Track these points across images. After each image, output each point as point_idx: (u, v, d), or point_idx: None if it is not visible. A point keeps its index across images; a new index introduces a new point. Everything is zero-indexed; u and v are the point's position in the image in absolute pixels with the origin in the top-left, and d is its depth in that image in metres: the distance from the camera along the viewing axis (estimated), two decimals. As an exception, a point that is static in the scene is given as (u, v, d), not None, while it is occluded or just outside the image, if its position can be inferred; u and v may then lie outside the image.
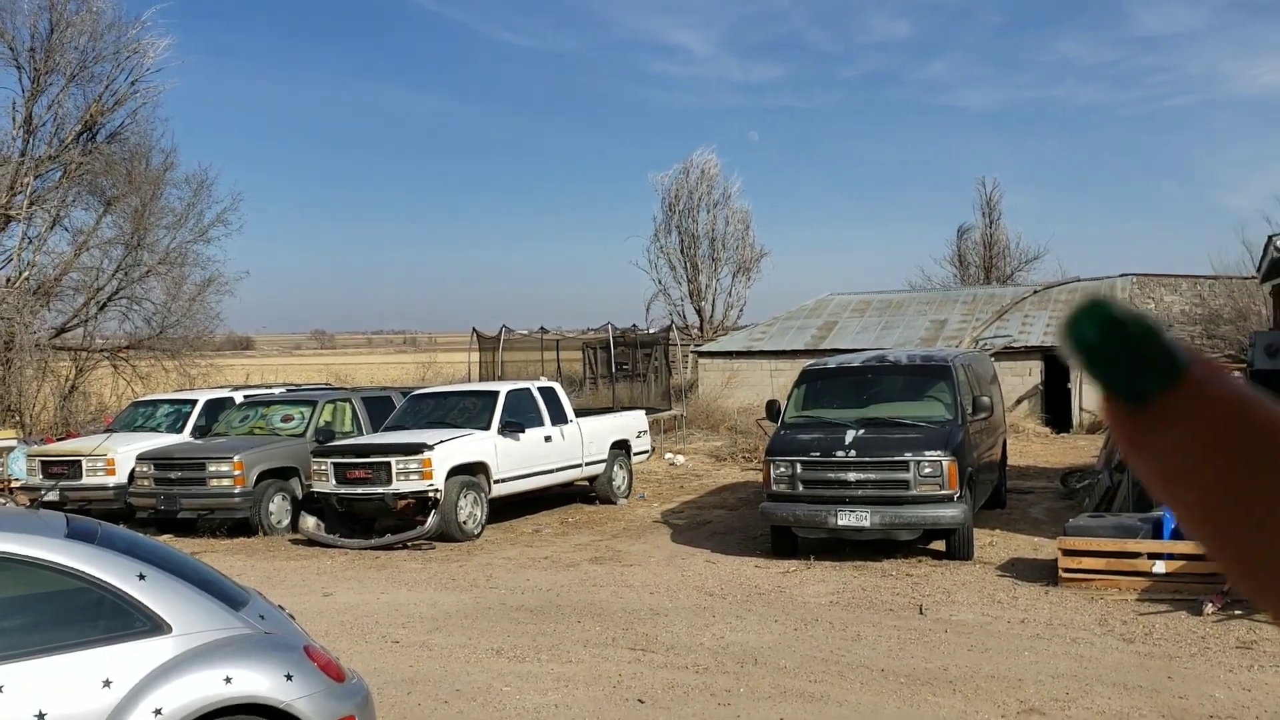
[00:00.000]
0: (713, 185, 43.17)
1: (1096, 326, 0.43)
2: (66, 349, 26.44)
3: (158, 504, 14.76)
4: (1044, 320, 28.03)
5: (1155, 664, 7.94)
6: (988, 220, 48.27)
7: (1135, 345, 0.43)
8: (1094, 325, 0.43)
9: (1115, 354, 0.43)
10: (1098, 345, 0.43)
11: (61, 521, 5.26)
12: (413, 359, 50.23)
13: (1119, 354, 0.43)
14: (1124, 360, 0.43)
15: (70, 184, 25.42)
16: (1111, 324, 0.43)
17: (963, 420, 11.95)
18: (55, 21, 24.99)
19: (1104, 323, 0.43)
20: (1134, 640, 8.56)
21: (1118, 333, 0.43)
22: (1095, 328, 0.43)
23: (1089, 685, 7.47)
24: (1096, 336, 0.43)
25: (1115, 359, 0.43)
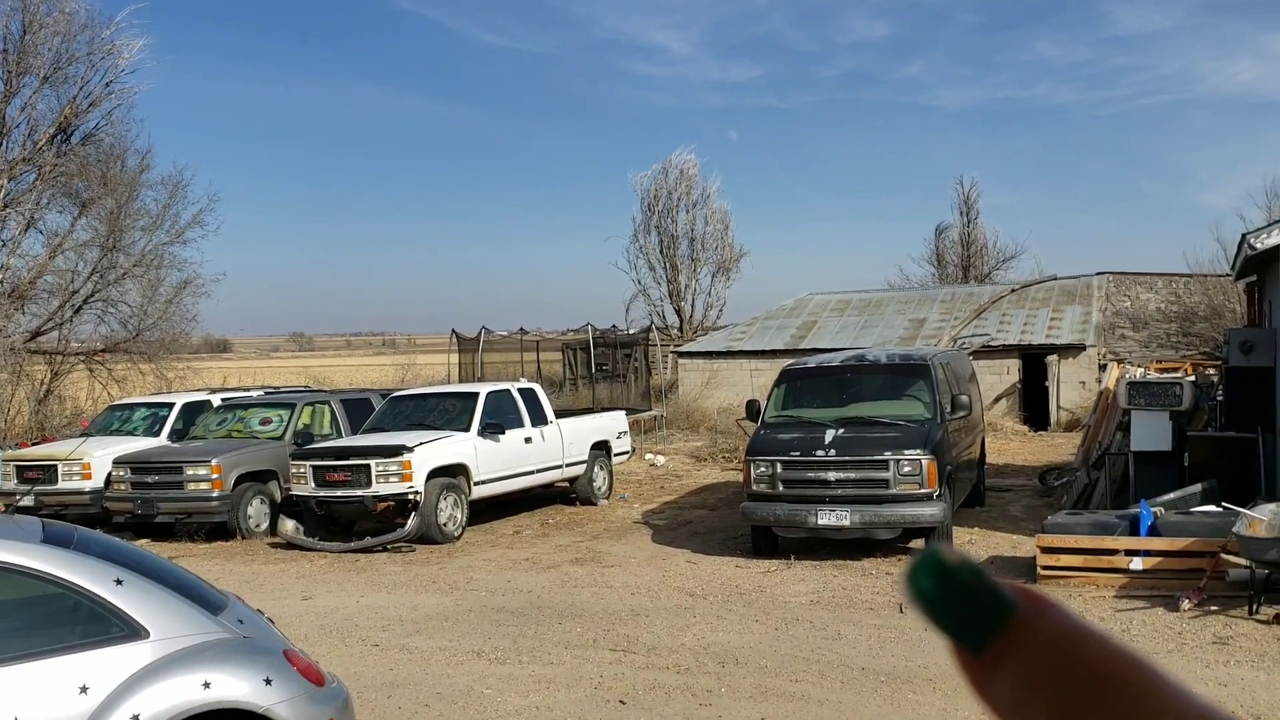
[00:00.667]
0: (692, 185, 43.25)
1: (932, 577, 0.45)
2: (41, 352, 26.20)
3: (135, 508, 14.66)
4: (1021, 319, 28.18)
5: (1133, 660, 8.00)
6: (966, 219, 48.55)
7: (965, 591, 0.44)
8: (929, 576, 0.45)
9: (949, 602, 0.44)
10: (935, 595, 0.45)
11: (37, 526, 5.22)
12: (392, 360, 50.09)
13: (952, 602, 0.44)
14: (957, 607, 0.44)
15: (44, 186, 25.19)
16: (944, 573, 0.45)
17: (941, 419, 12.01)
18: (28, 23, 24.76)
19: (938, 572, 0.45)
20: (1112, 636, 8.62)
21: (950, 581, 0.44)
22: (931, 578, 0.45)
23: (1068, 681, 7.52)
24: (933, 587, 0.45)
25: (950, 607, 0.44)
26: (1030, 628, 0.43)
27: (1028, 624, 0.44)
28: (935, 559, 0.45)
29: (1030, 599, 0.45)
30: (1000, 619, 0.44)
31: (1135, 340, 27.35)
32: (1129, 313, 28.55)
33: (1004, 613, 0.44)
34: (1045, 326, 27.31)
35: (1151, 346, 26.79)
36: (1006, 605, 0.44)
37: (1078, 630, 0.44)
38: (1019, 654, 0.43)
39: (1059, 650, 0.43)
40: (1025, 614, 0.44)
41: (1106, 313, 28.36)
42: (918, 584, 0.45)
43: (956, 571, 0.44)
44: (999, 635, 0.44)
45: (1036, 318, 28.04)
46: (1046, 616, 0.44)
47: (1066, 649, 0.43)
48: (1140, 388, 12.93)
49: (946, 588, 0.44)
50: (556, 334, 33.94)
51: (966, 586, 0.44)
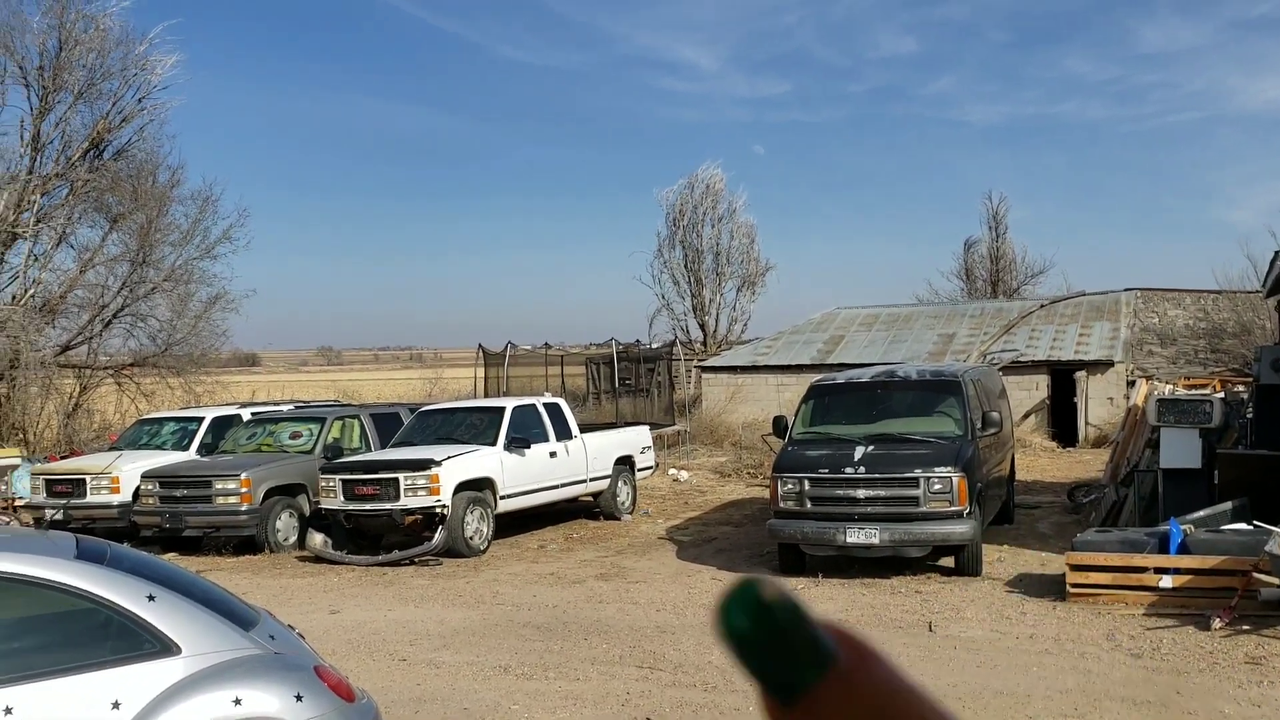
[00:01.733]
0: (718, 199, 43.26)
1: (748, 615, 0.41)
2: (71, 366, 26.46)
3: (163, 522, 14.76)
4: (1050, 334, 28.00)
5: (1163, 679, 7.91)
6: (994, 234, 48.35)
7: (783, 635, 0.41)
8: (745, 613, 0.41)
9: (764, 646, 0.41)
10: (748, 636, 0.41)
11: (71, 542, 5.25)
12: (419, 374, 50.27)
13: (767, 646, 0.41)
14: (772, 653, 0.41)
15: (76, 201, 25.49)
16: (761, 611, 0.41)
17: (972, 436, 11.93)
18: (63, 40, 25.10)
19: (754, 610, 0.41)
20: (1142, 655, 8.53)
21: (767, 621, 0.41)
22: (746, 616, 0.41)
23: (1097, 700, 7.44)
24: (748, 627, 0.41)
25: (764, 651, 0.41)
26: (847, 683, 0.41)
27: (845, 678, 0.41)
28: (752, 594, 0.41)
29: (851, 649, 0.42)
30: (817, 671, 0.41)
31: (1163, 357, 27.11)
32: (1157, 329, 28.32)
33: (822, 664, 0.41)
34: (1074, 342, 27.13)
35: (1180, 363, 26.55)
36: (825, 656, 0.41)
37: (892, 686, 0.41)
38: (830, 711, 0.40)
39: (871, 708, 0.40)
40: (844, 667, 0.41)
41: (1135, 329, 28.15)
42: (731, 621, 0.41)
43: (775, 611, 0.41)
44: (813, 688, 0.41)
45: (1065, 333, 27.86)
46: (866, 671, 0.41)
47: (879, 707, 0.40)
48: (1170, 405, 12.80)
49: (763, 629, 0.41)
50: (580, 348, 33.99)
51: (784, 630, 0.41)
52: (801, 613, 0.41)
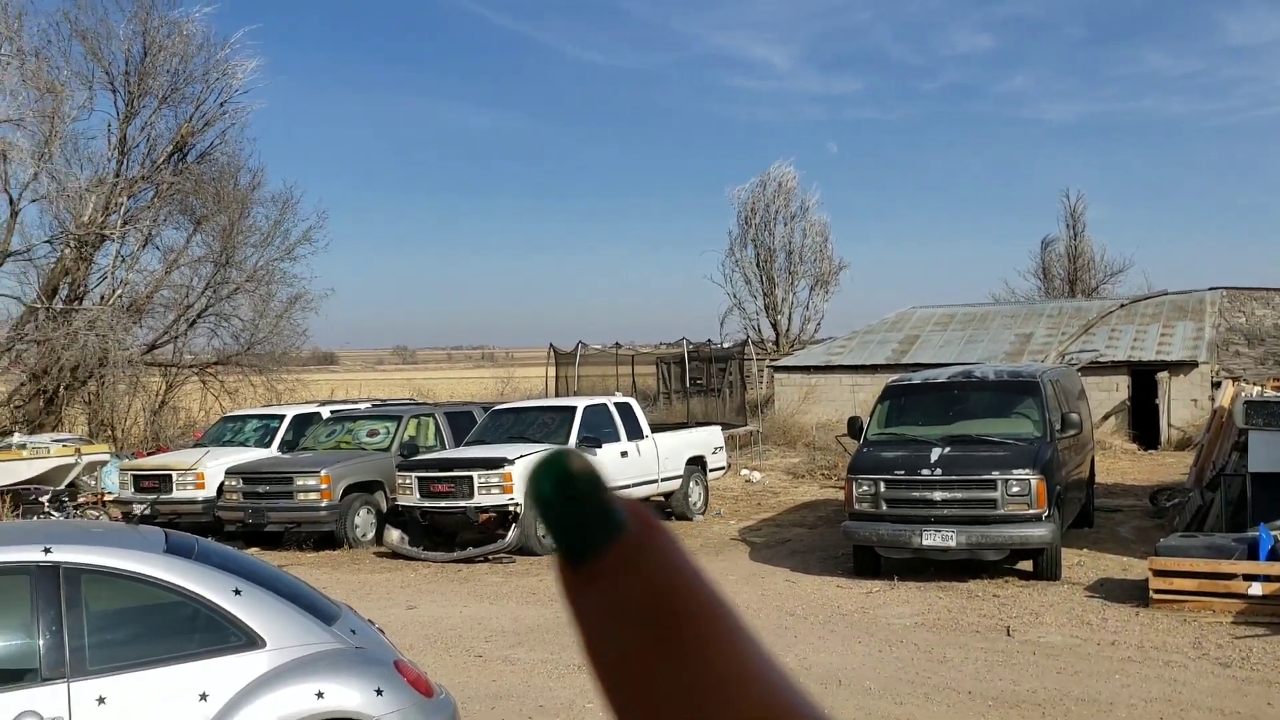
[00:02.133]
0: (790, 198, 42.97)
1: (552, 481, 0.44)
2: (157, 365, 27.15)
3: (246, 517, 15.08)
4: (1131, 334, 27.38)
5: (1253, 690, 7.69)
6: (1072, 232, 47.42)
7: (580, 503, 0.43)
8: (549, 480, 0.44)
9: (563, 510, 0.44)
10: (550, 500, 0.44)
11: (160, 537, 5.40)
12: (491, 374, 50.77)
13: (566, 510, 0.43)
14: (569, 517, 0.43)
15: (161, 203, 26.14)
16: (565, 479, 0.43)
17: (1051, 437, 11.72)
18: (148, 45, 25.77)
19: (559, 477, 0.44)
20: (1230, 664, 8.30)
21: (568, 488, 0.43)
22: (551, 482, 0.44)
23: (1183, 710, 7.27)
24: (551, 491, 0.44)
25: (562, 515, 0.44)
26: (631, 551, 0.43)
27: (630, 547, 0.43)
28: (560, 463, 0.44)
29: (641, 523, 0.44)
30: (606, 537, 0.43)
31: (1250, 357, 26.34)
32: (1244, 329, 27.52)
33: (611, 532, 0.43)
34: (1155, 343, 26.49)
35: (1268, 364, 25.76)
36: (615, 525, 0.43)
37: (674, 563, 0.43)
38: (612, 575, 0.43)
39: (649, 579, 0.43)
40: (631, 537, 0.43)
41: (1220, 329, 27.38)
42: (538, 486, 0.44)
43: (577, 480, 0.44)
44: (601, 552, 0.43)
45: (1146, 334, 27.22)
46: (650, 544, 0.44)
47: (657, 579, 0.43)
48: (1259, 407, 12.44)
49: (564, 495, 0.43)
50: (651, 348, 33.97)
51: (582, 498, 0.43)
52: (600, 485, 0.44)
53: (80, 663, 4.61)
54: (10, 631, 4.74)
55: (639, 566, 0.43)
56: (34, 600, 4.66)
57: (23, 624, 4.67)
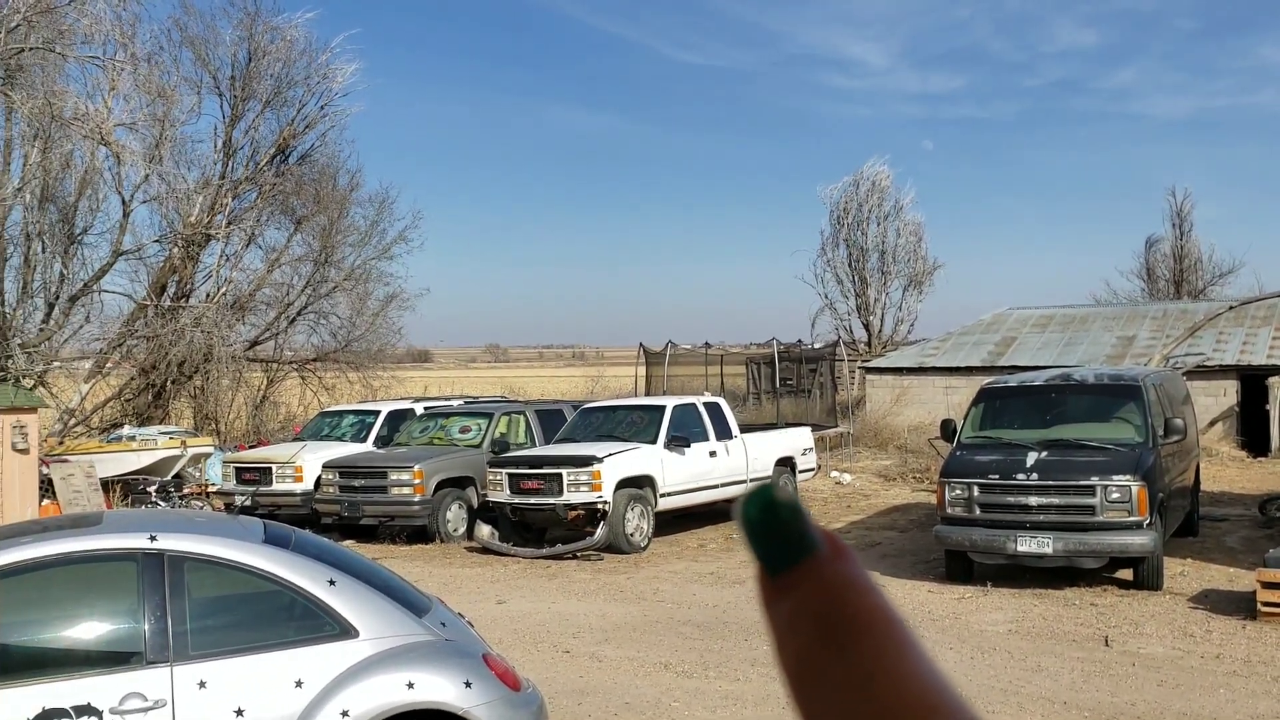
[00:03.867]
0: (883, 197, 42.40)
1: (758, 507, 0.50)
2: (259, 361, 27.92)
3: (341, 510, 15.41)
4: (1240, 338, 26.44)
5: (1371, 710, 7.37)
6: (1178, 232, 45.91)
7: (781, 524, 0.50)
8: (756, 506, 0.50)
9: (766, 530, 0.50)
10: (756, 523, 0.50)
11: (259, 527, 5.54)
12: (581, 372, 51.10)
13: (768, 531, 0.50)
14: (771, 536, 0.50)
15: (264, 204, 26.88)
16: (769, 505, 0.50)
17: (1153, 443, 11.38)
18: (253, 51, 26.53)
19: (764, 504, 0.50)
20: (1346, 683, 7.96)
21: (771, 513, 0.50)
22: (756, 508, 0.50)
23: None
24: (756, 514, 0.50)
25: (765, 534, 0.50)
26: (821, 567, 0.49)
27: (821, 564, 0.50)
28: (766, 493, 0.50)
29: (832, 546, 0.50)
30: (801, 554, 0.50)
31: (1371, 362, 25.22)
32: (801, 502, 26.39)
33: (806, 549, 0.50)
34: (1267, 346, 25.53)
35: (1389, 369, 24.66)
36: (810, 544, 0.50)
37: (859, 582, 0.50)
38: (803, 585, 0.49)
39: (835, 592, 0.49)
40: (822, 555, 0.50)
41: (1337, 332, 26.28)
42: (746, 512, 0.50)
43: (779, 506, 0.50)
44: (796, 567, 0.50)
45: (1257, 337, 26.25)
46: (838, 563, 0.50)
47: (842, 593, 0.49)
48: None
49: (767, 518, 0.50)
50: (741, 348, 33.82)
51: (783, 521, 0.50)
52: (800, 510, 0.50)
53: (182, 648, 4.75)
54: (117, 616, 4.91)
55: (825, 581, 0.50)
56: (140, 586, 4.82)
57: (129, 609, 4.84)
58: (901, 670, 0.47)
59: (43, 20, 19.36)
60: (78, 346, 23.52)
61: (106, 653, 4.80)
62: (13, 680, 4.51)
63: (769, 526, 0.50)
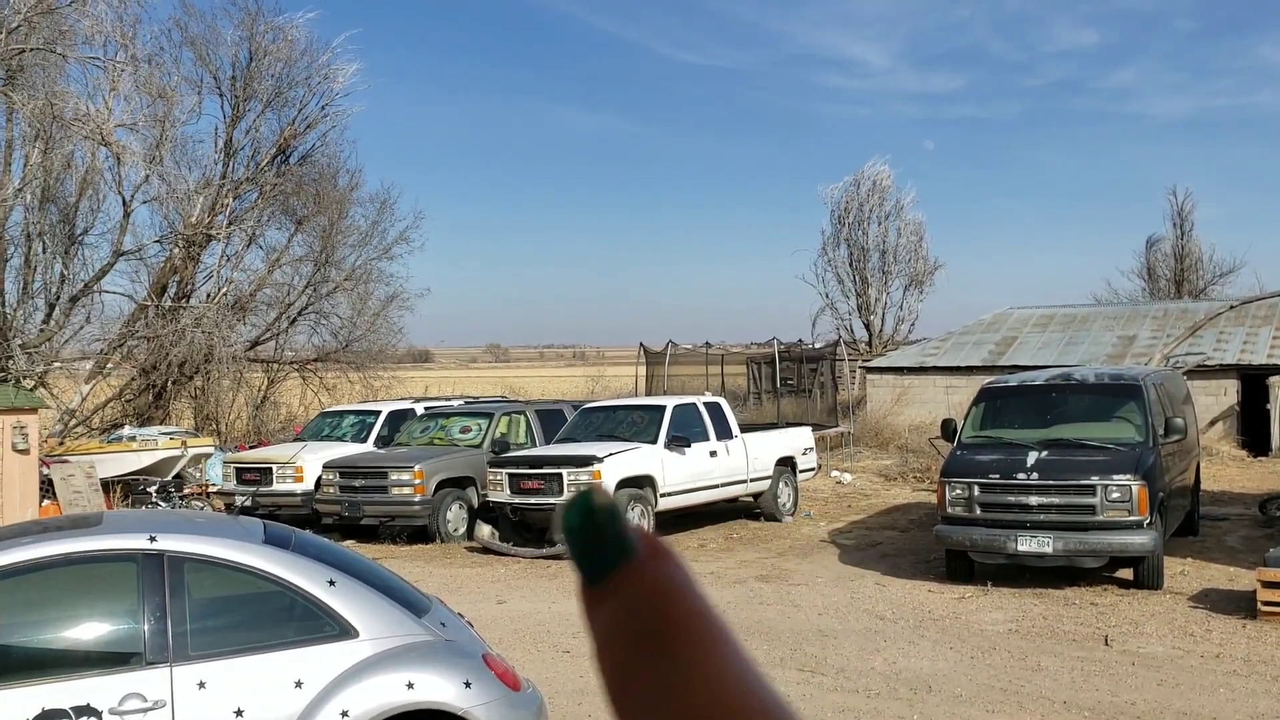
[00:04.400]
0: (884, 197, 42.39)
1: (576, 514, 0.50)
2: (259, 361, 27.91)
3: (342, 510, 15.42)
4: (1240, 337, 26.44)
5: (1371, 710, 7.36)
6: (1179, 231, 45.91)
7: (598, 529, 0.49)
8: (574, 513, 0.50)
9: (583, 536, 0.49)
10: (575, 527, 0.49)
11: (259, 527, 5.54)
12: (582, 372, 51.10)
13: (586, 537, 0.49)
14: (589, 542, 0.49)
15: (265, 204, 26.88)
16: (586, 511, 0.49)
17: (1154, 443, 11.38)
18: (254, 51, 26.53)
19: (583, 509, 0.50)
20: (1346, 683, 7.96)
21: (590, 518, 0.49)
22: (576, 514, 0.50)
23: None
24: (575, 521, 0.50)
25: (582, 540, 0.49)
26: (640, 572, 0.48)
27: (639, 569, 0.49)
28: (584, 499, 0.50)
29: (651, 549, 0.49)
30: (618, 559, 0.49)
31: (1371, 361, 25.22)
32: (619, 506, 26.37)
33: (623, 554, 0.49)
34: (1267, 346, 25.53)
35: (1390, 368, 24.65)
36: (627, 549, 0.49)
37: (677, 586, 0.49)
38: (620, 592, 0.48)
39: (651, 598, 0.48)
40: (640, 560, 0.49)
41: (1338, 331, 26.27)
42: (566, 520, 0.50)
43: (597, 511, 0.49)
44: (614, 573, 0.49)
45: (1258, 336, 26.25)
46: (656, 567, 0.49)
47: (658, 598, 0.48)
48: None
49: (586, 524, 0.49)
50: (741, 348, 33.82)
51: (600, 526, 0.49)
52: (618, 516, 0.50)
53: (182, 648, 4.76)
54: (117, 616, 4.92)
55: (642, 586, 0.49)
56: (140, 587, 4.82)
57: (129, 609, 4.84)
58: (717, 676, 0.46)
59: (44, 21, 19.37)
60: (78, 347, 23.53)
61: (106, 653, 4.80)
62: (12, 681, 4.51)
63: (587, 533, 0.49)
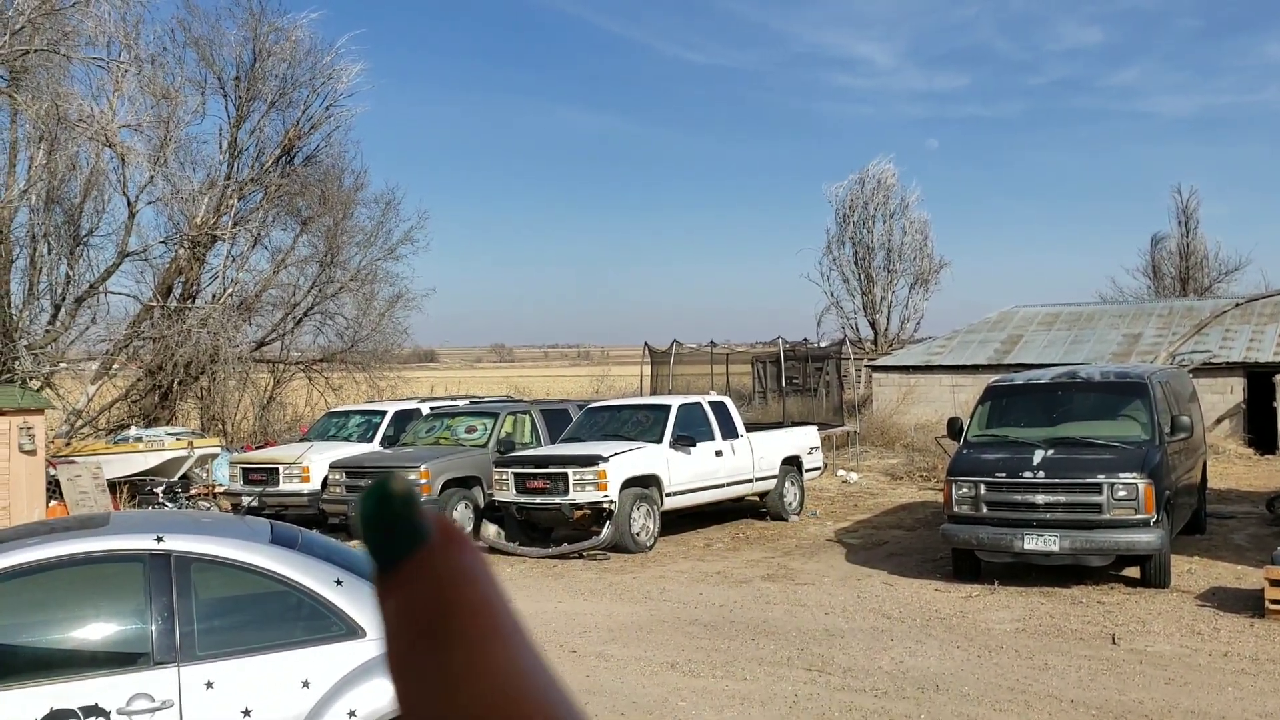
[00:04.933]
0: (889, 195, 42.34)
1: (373, 500, 0.48)
2: (265, 361, 27.93)
3: (348, 510, 15.41)
4: (1247, 335, 26.38)
5: (1380, 708, 7.34)
6: (1184, 229, 45.85)
7: (392, 515, 0.48)
8: (370, 500, 0.48)
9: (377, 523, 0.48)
10: (369, 516, 0.48)
11: (266, 527, 5.55)
12: (587, 372, 51.10)
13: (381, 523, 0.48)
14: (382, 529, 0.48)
15: (270, 205, 26.89)
16: (383, 497, 0.48)
17: (1160, 441, 11.35)
18: (258, 51, 26.54)
19: (378, 497, 0.48)
20: (1354, 681, 7.94)
21: (385, 505, 0.48)
22: (372, 501, 0.48)
23: (1303, 728, 6.97)
24: (370, 507, 0.48)
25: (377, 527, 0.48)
26: (429, 560, 0.47)
27: (429, 556, 0.47)
28: (381, 486, 0.48)
29: (445, 536, 0.48)
30: (408, 548, 0.47)
31: (1379, 358, 25.14)
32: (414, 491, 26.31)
33: (415, 541, 0.47)
34: (1273, 343, 25.48)
35: (1397, 365, 24.58)
36: (420, 535, 0.48)
37: (466, 574, 0.47)
38: (410, 581, 0.47)
39: (438, 586, 0.47)
40: (432, 547, 0.47)
41: (1345, 328, 26.21)
42: (363, 505, 0.48)
43: (393, 498, 0.48)
44: (407, 560, 0.47)
45: (1264, 334, 26.19)
46: (448, 554, 0.48)
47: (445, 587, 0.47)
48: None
49: (380, 510, 0.48)
50: (746, 347, 33.81)
51: (395, 513, 0.48)
52: (413, 503, 0.48)
53: (190, 648, 4.76)
54: (124, 617, 4.92)
55: (431, 574, 0.47)
56: (147, 587, 4.83)
57: (136, 610, 4.85)
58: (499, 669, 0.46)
59: (47, 22, 19.40)
60: (84, 348, 23.55)
61: (114, 653, 4.81)
62: (21, 681, 4.52)
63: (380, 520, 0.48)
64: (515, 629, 0.48)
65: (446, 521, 0.49)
